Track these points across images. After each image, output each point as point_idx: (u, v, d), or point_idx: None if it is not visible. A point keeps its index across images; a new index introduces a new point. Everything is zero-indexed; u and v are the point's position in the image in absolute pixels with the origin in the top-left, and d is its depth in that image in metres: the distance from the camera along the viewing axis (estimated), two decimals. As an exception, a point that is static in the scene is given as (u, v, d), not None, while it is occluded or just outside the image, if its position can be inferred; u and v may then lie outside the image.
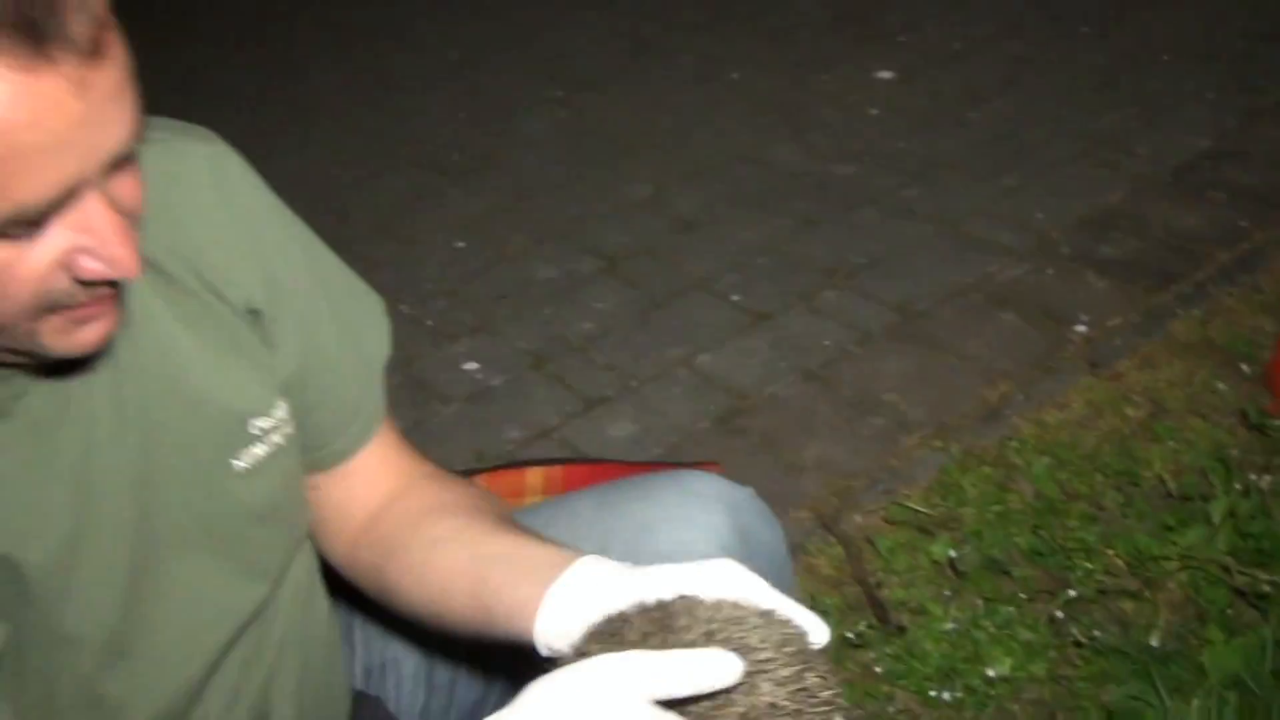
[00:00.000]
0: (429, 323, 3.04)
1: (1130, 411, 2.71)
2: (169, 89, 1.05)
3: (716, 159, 3.62)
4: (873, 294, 3.10)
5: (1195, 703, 2.15)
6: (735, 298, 3.14)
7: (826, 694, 1.08)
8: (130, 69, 0.95)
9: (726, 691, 1.07)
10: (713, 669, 1.01)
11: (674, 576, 1.14)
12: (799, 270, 3.20)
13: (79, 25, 0.88)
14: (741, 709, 1.05)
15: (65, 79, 0.88)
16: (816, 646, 1.09)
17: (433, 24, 4.45)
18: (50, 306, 0.97)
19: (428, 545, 1.34)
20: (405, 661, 1.55)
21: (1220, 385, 2.75)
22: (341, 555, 1.41)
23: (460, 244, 3.38)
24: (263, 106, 3.65)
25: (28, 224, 0.92)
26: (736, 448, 2.70)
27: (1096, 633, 2.29)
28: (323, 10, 4.66)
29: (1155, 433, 2.65)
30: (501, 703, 1.52)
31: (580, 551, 1.20)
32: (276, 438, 1.25)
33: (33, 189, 0.91)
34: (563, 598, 1.17)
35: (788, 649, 1.07)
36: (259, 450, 1.24)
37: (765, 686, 1.06)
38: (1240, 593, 2.31)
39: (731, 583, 1.10)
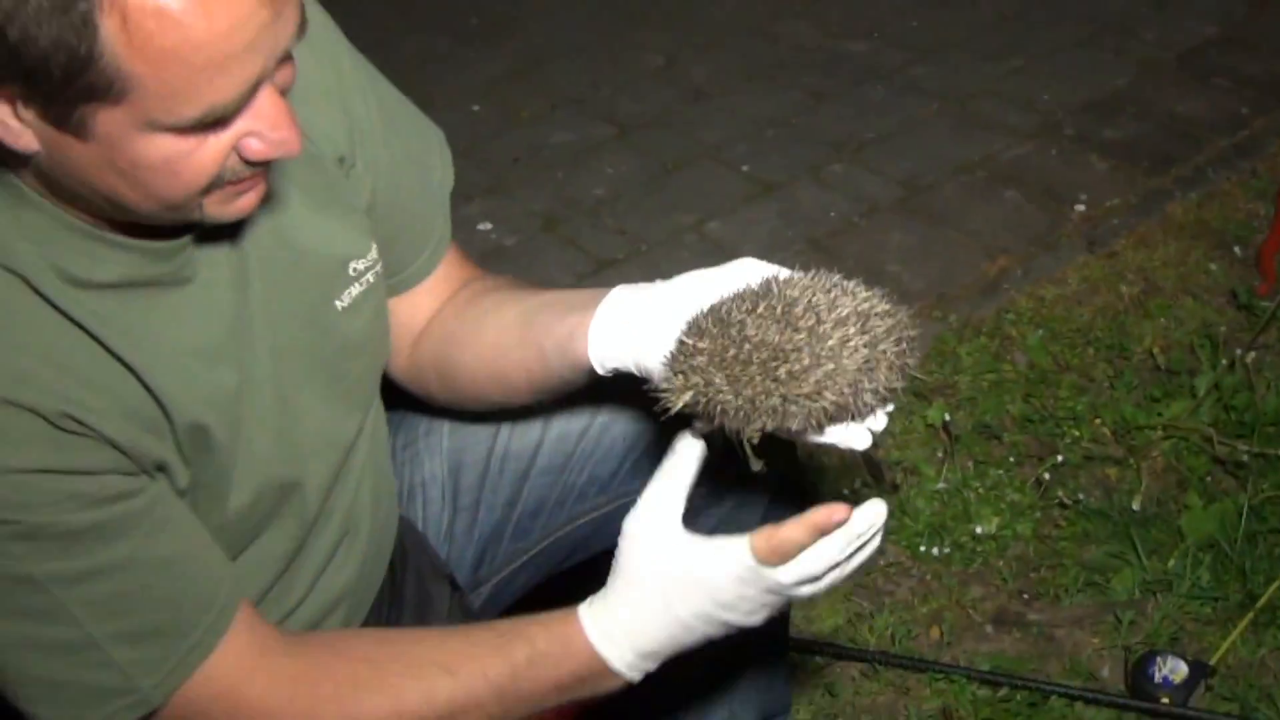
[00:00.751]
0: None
1: (1124, 289, 2.80)
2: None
3: (730, 31, 3.67)
4: (879, 168, 3.17)
5: (1171, 563, 2.27)
6: (745, 167, 3.21)
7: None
8: None
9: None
10: None
11: (704, 280, 1.27)
12: (808, 143, 3.26)
13: None
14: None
15: None
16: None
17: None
18: (218, 183, 1.06)
19: (478, 318, 1.46)
20: (432, 485, 1.64)
21: (1212, 266, 2.84)
22: (403, 365, 1.51)
23: (475, 108, 3.45)
24: None
25: (217, 121, 1.00)
26: (743, 312, 2.78)
27: (1081, 496, 2.40)
28: None
29: (1147, 309, 2.75)
30: (521, 527, 1.64)
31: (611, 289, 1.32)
32: (369, 276, 1.35)
33: (225, 89, 0.99)
34: (607, 317, 1.29)
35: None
36: (356, 289, 1.34)
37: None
38: (1220, 462, 2.42)
39: (763, 271, 1.23)
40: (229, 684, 1.20)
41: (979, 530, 2.35)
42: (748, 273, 1.25)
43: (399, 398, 1.56)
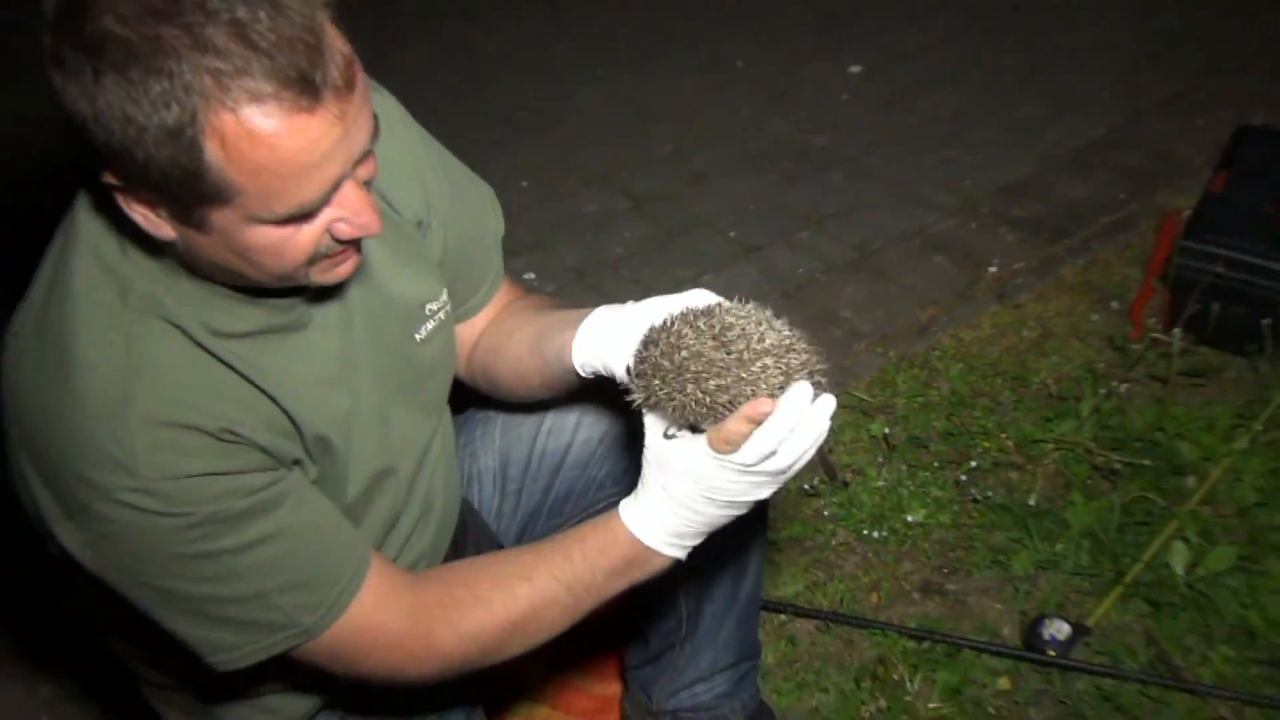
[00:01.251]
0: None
1: (1025, 333, 2.84)
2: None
3: (723, 128, 3.71)
4: (837, 236, 3.21)
5: (1058, 546, 2.30)
6: (732, 234, 3.25)
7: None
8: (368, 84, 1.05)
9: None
10: None
11: (665, 302, 1.30)
12: (781, 215, 3.30)
13: (335, 70, 0.99)
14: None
15: (329, 112, 1.00)
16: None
17: (508, 10, 4.49)
18: (318, 258, 1.11)
19: (509, 333, 1.51)
20: (486, 475, 1.70)
21: (1095, 317, 2.88)
22: (463, 369, 1.56)
23: (524, 183, 3.50)
24: (369, 73, 3.75)
25: (306, 215, 1.05)
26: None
27: (989, 494, 2.43)
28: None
29: (1043, 349, 2.79)
30: (554, 509, 1.68)
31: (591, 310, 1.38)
32: (441, 314, 1.41)
33: (310, 191, 1.04)
34: (586, 332, 1.34)
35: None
36: (430, 325, 1.40)
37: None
38: (1098, 469, 2.45)
39: (708, 296, 1.26)
40: (369, 617, 1.25)
41: (910, 519, 2.38)
42: (700, 299, 1.29)
43: (460, 408, 1.63)
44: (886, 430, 2.55)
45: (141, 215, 1.04)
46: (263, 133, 0.96)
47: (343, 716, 1.51)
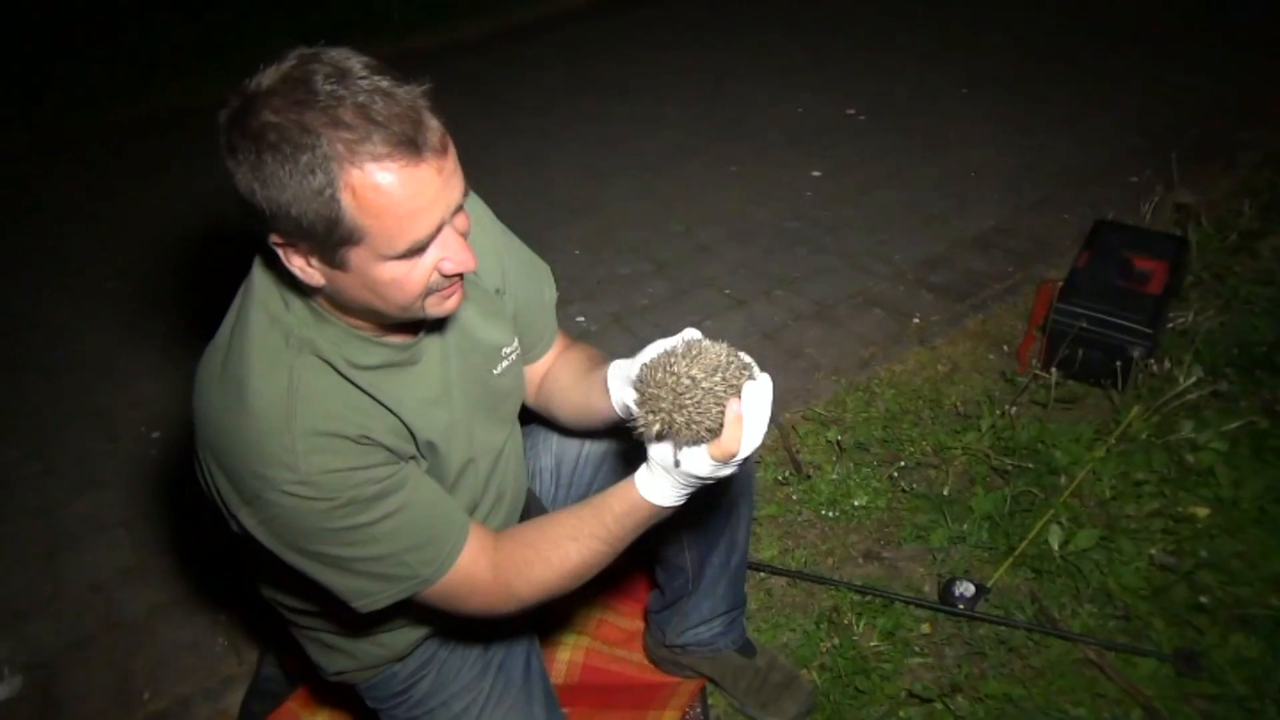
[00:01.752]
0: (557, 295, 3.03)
1: (940, 367, 2.73)
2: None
3: (720, 213, 3.61)
4: (803, 293, 3.11)
5: (965, 526, 2.20)
6: (727, 291, 3.16)
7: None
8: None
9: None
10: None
11: (660, 345, 1.25)
12: (763, 278, 3.20)
13: (434, 136, 0.99)
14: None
15: (430, 167, 0.99)
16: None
17: (567, 128, 4.43)
18: (430, 291, 1.08)
19: (561, 392, 1.47)
20: (546, 470, 1.62)
21: (990, 356, 2.77)
22: (530, 401, 1.50)
23: (576, 252, 3.41)
24: (469, 170, 3.81)
25: (419, 250, 1.03)
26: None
27: (914, 485, 2.33)
28: (489, 106, 4.62)
29: (953, 379, 2.68)
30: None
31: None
32: (513, 356, 1.38)
33: (420, 230, 1.02)
34: (612, 390, 1.34)
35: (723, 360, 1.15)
36: (504, 364, 1.36)
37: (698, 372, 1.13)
38: (994, 469, 2.35)
39: (696, 336, 1.22)
40: (468, 569, 1.21)
41: (856, 503, 2.29)
42: (687, 337, 1.24)
43: (527, 421, 1.55)
44: (839, 437, 2.45)
45: (299, 267, 1.05)
46: (382, 184, 0.97)
47: (438, 646, 1.44)
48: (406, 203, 1.00)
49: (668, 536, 1.65)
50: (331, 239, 1.01)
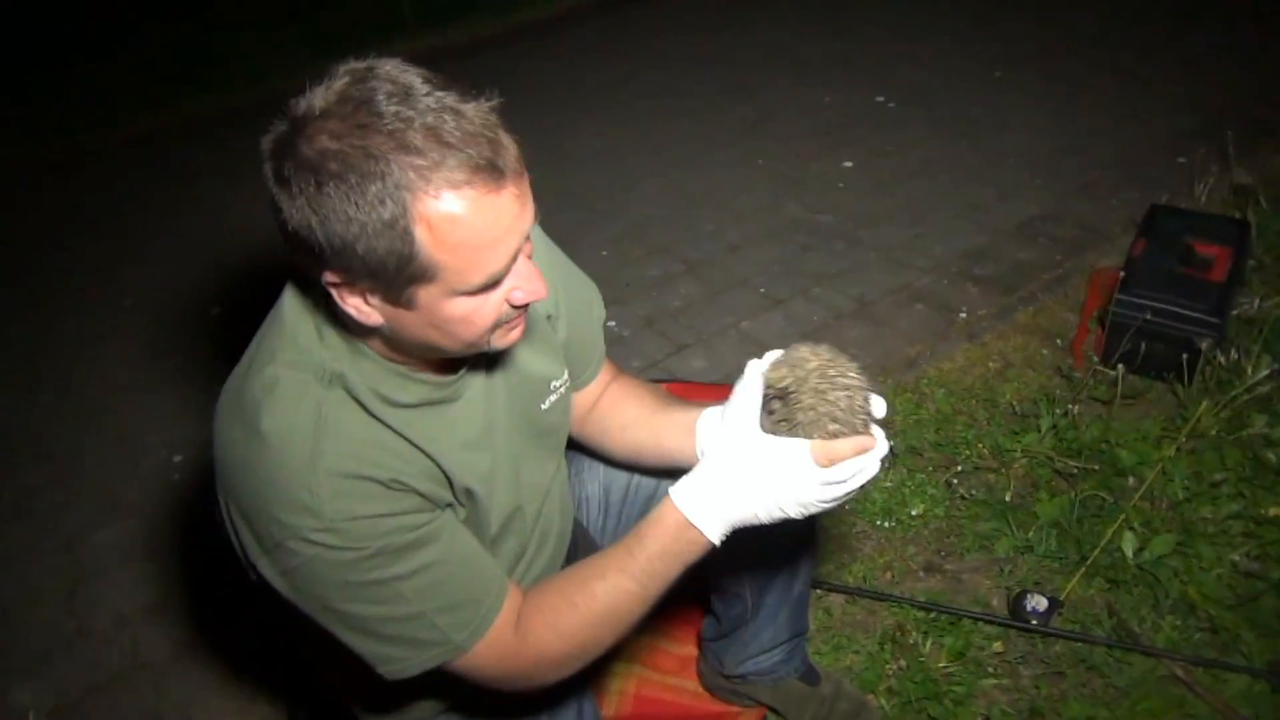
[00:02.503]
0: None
1: (991, 364, 2.61)
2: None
3: (750, 210, 3.49)
4: (842, 291, 2.99)
5: (1031, 534, 2.08)
6: (762, 290, 3.04)
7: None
8: None
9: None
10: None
11: (740, 401, 1.16)
12: (799, 276, 3.09)
13: (511, 157, 0.90)
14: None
15: (509, 192, 0.90)
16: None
17: (592, 125, 4.32)
18: (499, 325, 0.99)
19: (620, 429, 1.35)
20: (592, 498, 1.51)
21: (1044, 351, 2.64)
22: (576, 430, 1.38)
23: (604, 253, 3.31)
24: None
25: (495, 283, 0.94)
26: (764, 377, 2.63)
27: (973, 491, 2.22)
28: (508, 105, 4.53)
29: (1006, 376, 2.55)
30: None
31: (702, 407, 1.25)
32: (562, 389, 1.27)
33: (498, 261, 0.93)
34: (701, 441, 1.22)
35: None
36: (553, 397, 1.24)
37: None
38: (1058, 472, 2.23)
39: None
40: (504, 632, 1.09)
41: (913, 512, 2.17)
42: (757, 370, 1.19)
43: (572, 446, 1.42)
44: (890, 441, 2.31)
45: (354, 308, 0.96)
46: (461, 214, 0.88)
47: (485, 696, 1.32)
48: (485, 233, 0.90)
49: (724, 562, 1.54)
50: (401, 277, 0.91)
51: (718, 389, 2.29)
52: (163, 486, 2.50)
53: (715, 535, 1.10)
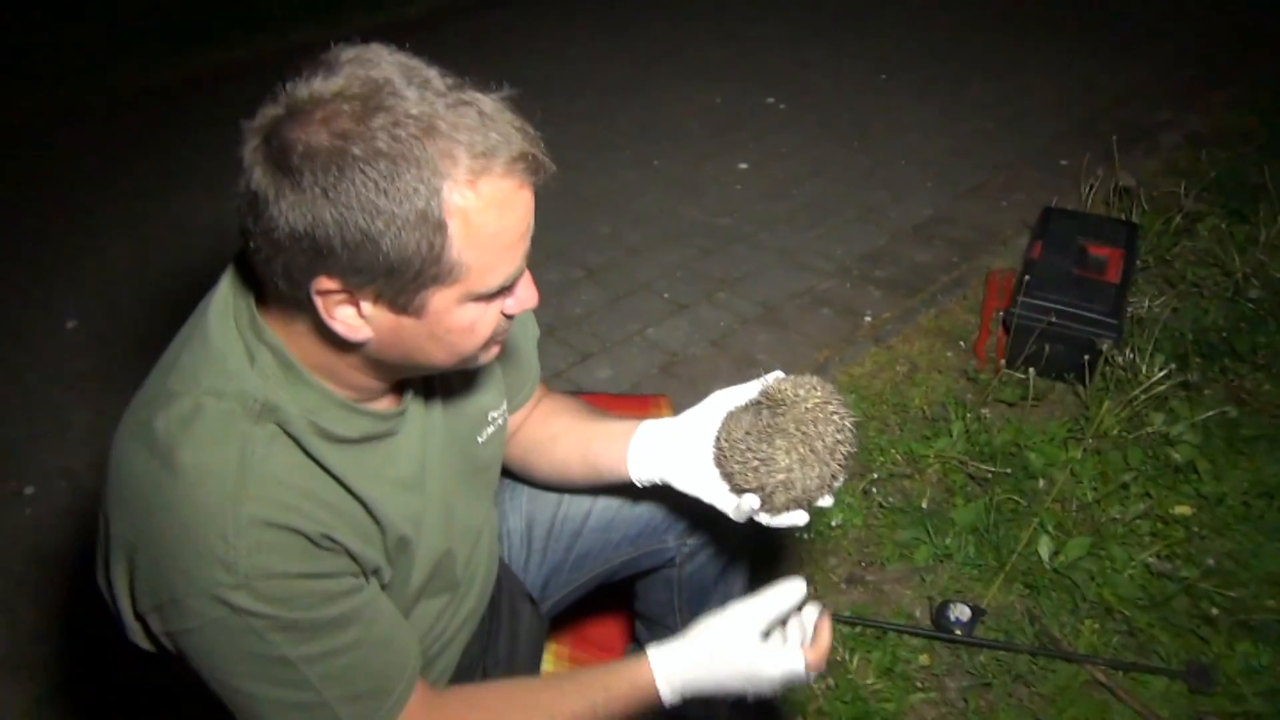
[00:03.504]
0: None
1: (899, 368, 2.59)
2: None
3: (648, 213, 3.40)
4: (746, 295, 2.93)
5: (949, 540, 2.06)
6: (665, 295, 2.96)
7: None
8: None
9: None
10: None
11: (698, 416, 1.16)
12: (703, 280, 3.01)
13: (544, 155, 0.84)
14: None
15: (533, 190, 0.84)
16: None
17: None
18: (495, 336, 0.90)
19: (550, 440, 1.25)
20: (514, 532, 1.38)
21: (948, 354, 2.64)
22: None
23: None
24: None
25: (509, 286, 0.87)
26: (672, 386, 2.55)
27: (890, 499, 2.18)
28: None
29: (914, 380, 2.54)
30: (575, 565, 1.38)
31: (639, 421, 1.20)
32: (500, 420, 1.15)
33: (516, 262, 0.86)
34: (638, 453, 1.17)
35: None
36: (490, 429, 1.13)
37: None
38: (971, 477, 2.21)
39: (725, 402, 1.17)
40: None
41: (832, 523, 2.11)
42: (720, 402, 1.17)
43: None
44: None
45: (343, 321, 0.83)
46: (496, 208, 0.80)
47: None
48: (513, 230, 0.82)
49: (656, 592, 1.44)
50: (422, 277, 0.80)
51: (628, 400, 2.20)
52: (14, 523, 2.24)
53: (671, 700, 1.04)
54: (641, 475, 1.17)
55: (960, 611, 1.87)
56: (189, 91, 4.47)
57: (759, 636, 1.02)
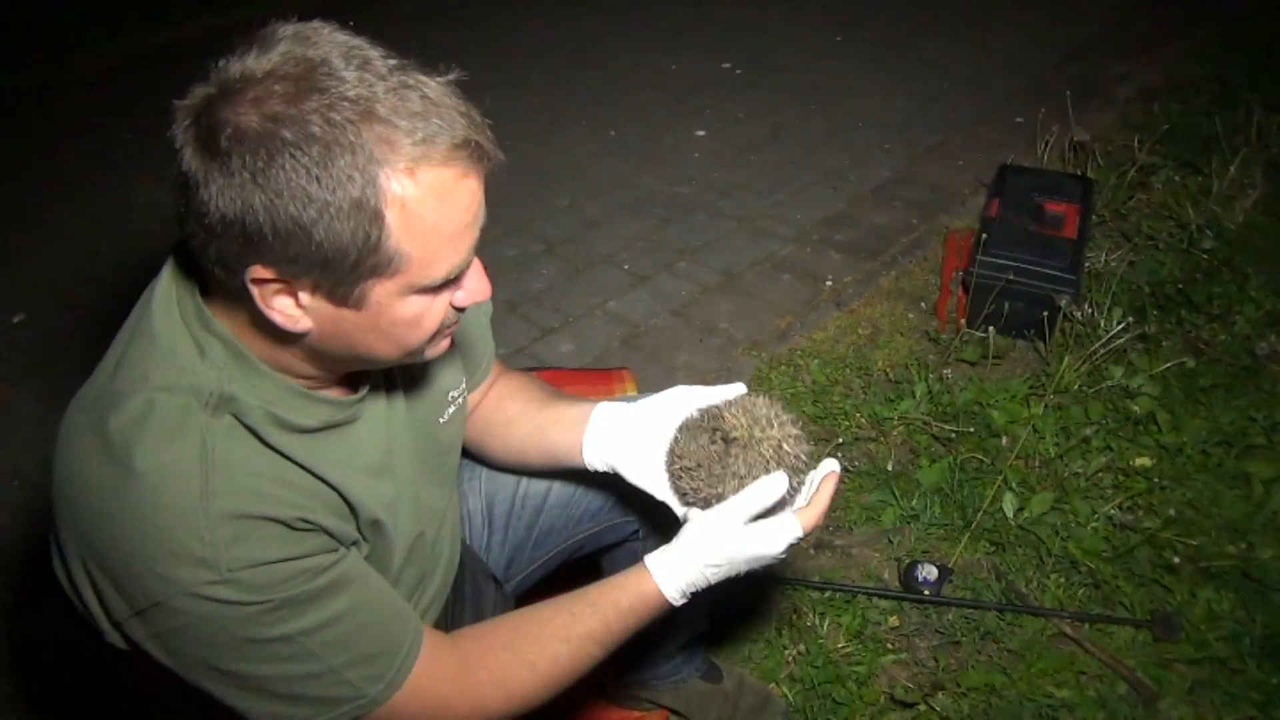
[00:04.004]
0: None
1: (861, 331, 2.59)
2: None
3: (605, 183, 3.36)
4: (706, 263, 2.91)
5: (915, 501, 2.07)
6: (626, 267, 2.93)
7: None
8: None
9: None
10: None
11: (654, 404, 1.15)
12: (662, 250, 2.99)
13: (489, 143, 0.81)
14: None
15: (481, 174, 0.81)
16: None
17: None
18: (442, 328, 0.87)
19: (506, 423, 1.24)
20: (475, 513, 1.36)
21: (910, 316, 2.64)
22: None
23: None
24: None
25: (455, 278, 0.84)
26: (635, 359, 2.53)
27: (856, 463, 2.17)
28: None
29: (877, 343, 2.54)
30: (538, 542, 1.37)
31: (595, 403, 1.18)
32: (460, 399, 1.13)
33: (462, 253, 0.83)
34: (593, 438, 1.15)
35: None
36: (451, 409, 1.11)
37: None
38: (935, 438, 2.22)
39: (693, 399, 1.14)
40: (424, 682, 0.96)
41: (798, 489, 2.11)
42: (679, 400, 1.15)
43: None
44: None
45: (280, 311, 0.81)
46: (437, 197, 0.77)
47: None
48: (458, 219, 0.79)
49: (622, 566, 1.42)
50: (359, 268, 0.77)
51: (590, 374, 2.17)
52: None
53: (686, 595, 1.05)
54: (595, 464, 1.16)
55: (928, 572, 1.88)
56: (128, 73, 4.35)
57: (745, 525, 1.02)
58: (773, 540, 1.02)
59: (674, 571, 1.02)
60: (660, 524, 1.35)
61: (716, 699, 1.64)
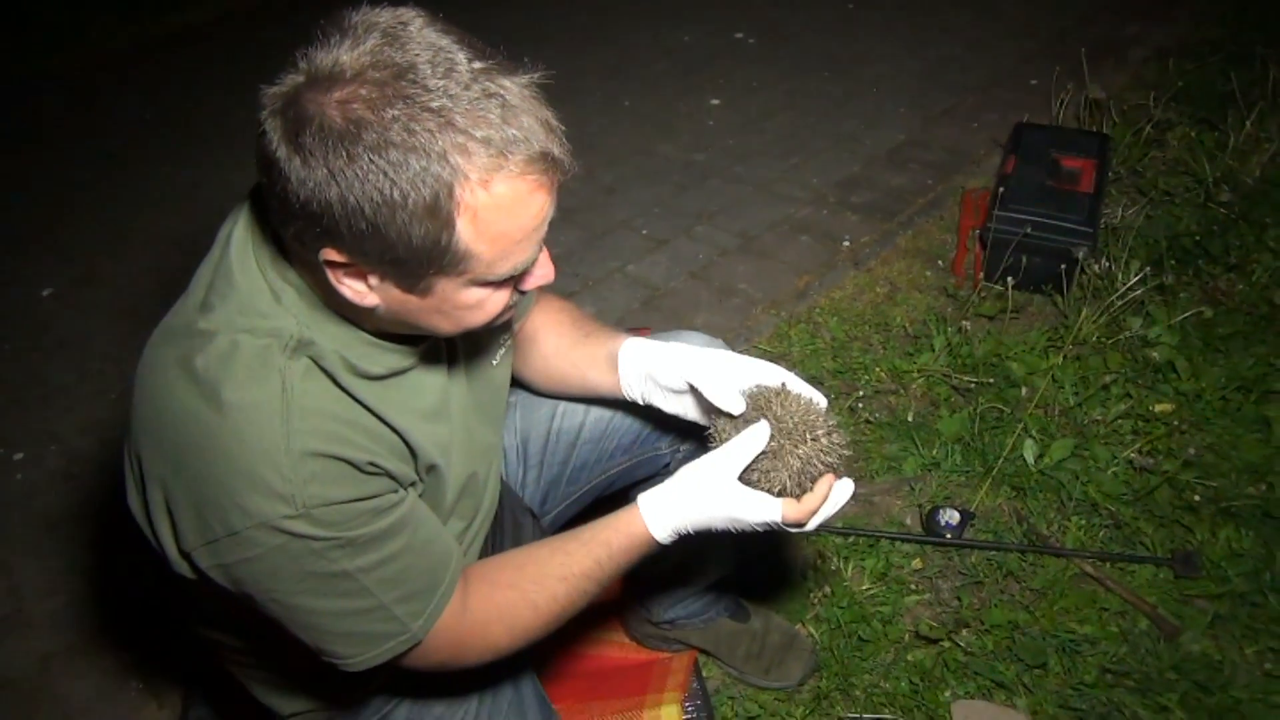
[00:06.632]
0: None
1: (879, 289, 2.61)
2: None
3: (623, 151, 3.38)
4: (724, 227, 2.93)
5: (935, 451, 2.09)
6: (644, 231, 2.95)
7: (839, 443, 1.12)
8: None
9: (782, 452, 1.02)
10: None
11: (684, 336, 1.26)
12: (680, 215, 3.01)
13: (565, 154, 0.84)
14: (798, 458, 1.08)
15: (554, 183, 0.84)
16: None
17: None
18: (507, 309, 0.93)
19: (542, 358, 1.28)
20: (510, 449, 1.40)
21: (928, 273, 2.66)
22: None
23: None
24: None
25: (519, 275, 0.89)
26: (655, 320, 2.56)
27: (876, 414, 2.20)
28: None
29: (895, 300, 2.56)
30: (572, 477, 1.40)
31: (620, 336, 1.24)
32: (508, 340, 1.18)
33: (529, 253, 0.87)
34: (628, 372, 1.21)
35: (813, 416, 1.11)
36: (502, 350, 1.16)
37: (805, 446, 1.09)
38: (955, 389, 2.24)
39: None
40: (452, 620, 1.01)
41: (820, 441, 2.13)
42: (702, 341, 1.26)
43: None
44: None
45: (350, 288, 0.85)
46: (509, 206, 0.80)
47: (400, 700, 1.22)
48: (528, 225, 0.83)
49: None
50: (428, 266, 0.81)
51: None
52: (7, 488, 2.23)
53: (673, 537, 1.09)
54: (634, 397, 1.22)
55: (950, 516, 1.91)
56: (150, 55, 4.38)
57: (734, 479, 1.05)
58: (751, 510, 1.04)
59: (662, 511, 1.06)
60: (690, 457, 1.38)
61: (744, 637, 1.68)
